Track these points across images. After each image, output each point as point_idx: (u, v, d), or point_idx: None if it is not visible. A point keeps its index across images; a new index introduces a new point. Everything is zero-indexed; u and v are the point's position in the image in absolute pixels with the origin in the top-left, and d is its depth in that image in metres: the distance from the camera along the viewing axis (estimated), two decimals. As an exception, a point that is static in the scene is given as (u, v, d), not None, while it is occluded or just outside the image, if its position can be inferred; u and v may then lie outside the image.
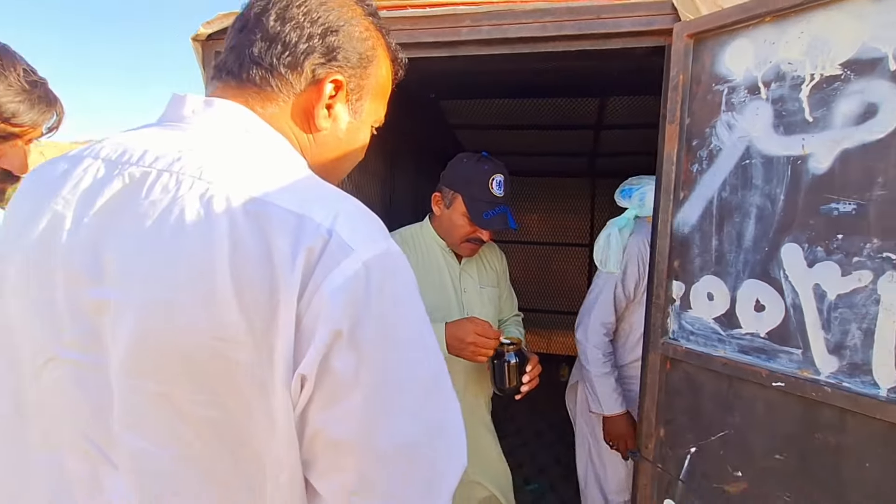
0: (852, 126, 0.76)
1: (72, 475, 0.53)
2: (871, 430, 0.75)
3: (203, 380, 0.47)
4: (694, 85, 0.96)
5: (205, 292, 0.46)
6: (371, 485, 0.49)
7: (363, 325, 0.47)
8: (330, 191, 0.54)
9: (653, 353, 1.02)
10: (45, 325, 0.53)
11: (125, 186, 0.51)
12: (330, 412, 0.47)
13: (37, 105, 0.84)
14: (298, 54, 0.59)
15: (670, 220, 0.99)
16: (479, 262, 1.51)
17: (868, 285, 0.75)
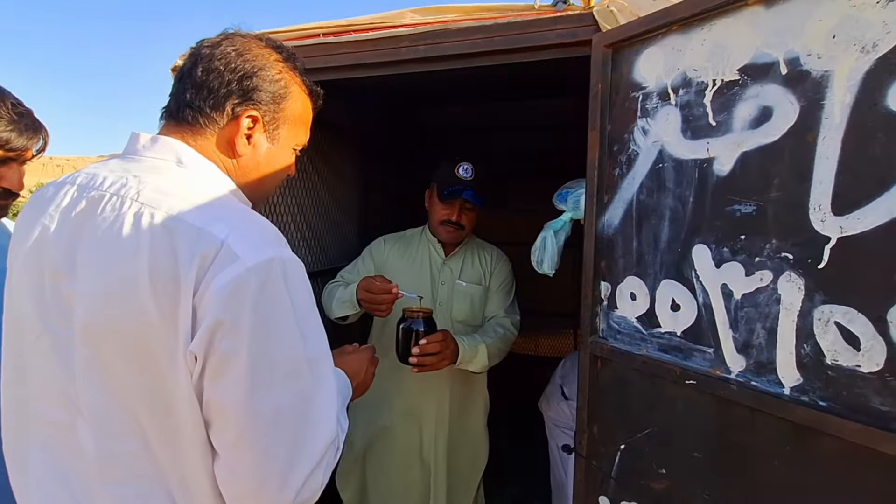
0: (750, 129, 0.72)
1: (58, 423, 0.65)
2: (776, 429, 0.71)
3: (131, 351, 0.59)
4: (613, 93, 0.93)
5: (131, 286, 0.58)
6: (247, 441, 0.59)
7: (242, 317, 0.57)
8: (234, 210, 0.65)
9: (583, 351, 0.99)
10: (37, 308, 0.65)
11: (88, 206, 0.63)
12: (216, 383, 0.58)
13: (25, 132, 0.93)
14: (220, 97, 0.69)
15: (594, 223, 0.96)
16: (467, 260, 1.55)
17: (769, 285, 0.71)
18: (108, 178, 0.65)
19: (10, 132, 0.91)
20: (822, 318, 0.65)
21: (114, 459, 0.62)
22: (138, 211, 0.60)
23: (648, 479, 0.89)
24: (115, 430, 0.62)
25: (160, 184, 0.63)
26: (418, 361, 1.18)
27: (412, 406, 1.47)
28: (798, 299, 0.67)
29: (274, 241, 0.62)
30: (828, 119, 0.64)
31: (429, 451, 1.48)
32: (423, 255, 1.54)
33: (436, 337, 1.19)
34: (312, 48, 1.14)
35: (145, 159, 0.68)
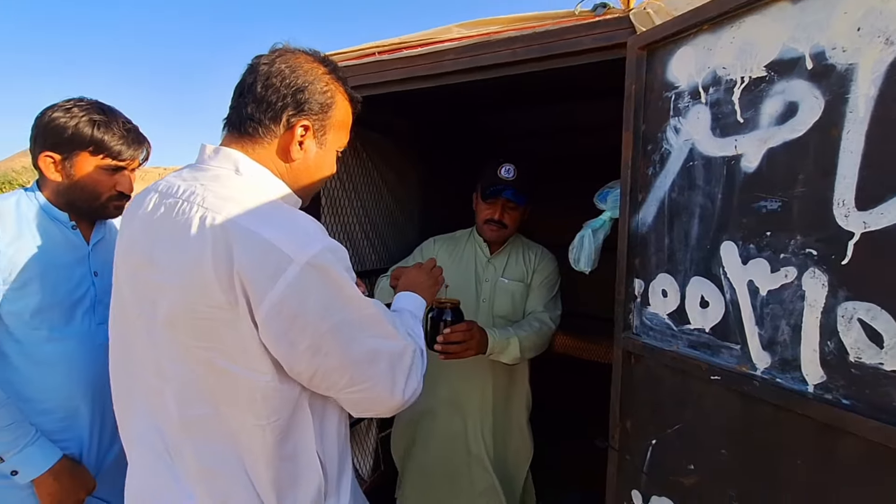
0: (776, 125, 0.73)
1: (153, 387, 0.80)
2: (800, 427, 0.71)
3: (201, 331, 0.72)
4: (648, 93, 0.96)
5: (199, 278, 0.70)
6: (357, 381, 0.76)
7: (313, 306, 0.70)
8: (281, 212, 0.76)
9: (616, 346, 1.02)
10: (133, 294, 0.80)
11: (166, 210, 0.77)
12: (316, 358, 0.72)
13: (132, 144, 1.15)
14: (277, 110, 0.81)
15: (628, 221, 1.00)
16: (511, 258, 1.64)
17: (794, 281, 0.71)
18: (182, 186, 0.77)
19: (122, 145, 1.13)
20: (845, 315, 0.65)
21: (192, 421, 0.76)
22: (203, 215, 0.71)
23: (678, 474, 0.91)
24: (191, 398, 0.75)
25: (220, 190, 0.75)
26: (442, 349, 1.27)
27: (455, 394, 1.56)
28: (822, 296, 0.68)
29: (318, 234, 0.74)
30: (852, 113, 0.64)
31: (473, 441, 1.56)
32: (470, 254, 1.64)
33: (460, 326, 1.27)
34: (369, 66, 1.30)
35: (210, 168, 0.80)
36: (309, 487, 0.80)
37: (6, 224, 1.07)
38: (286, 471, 0.77)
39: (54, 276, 1.10)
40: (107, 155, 1.12)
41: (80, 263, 1.16)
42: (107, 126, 1.11)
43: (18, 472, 1.03)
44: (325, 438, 0.82)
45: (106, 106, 1.15)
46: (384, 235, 2.17)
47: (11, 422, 1.01)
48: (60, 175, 1.11)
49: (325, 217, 1.80)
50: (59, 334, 1.10)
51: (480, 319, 1.45)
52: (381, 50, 1.30)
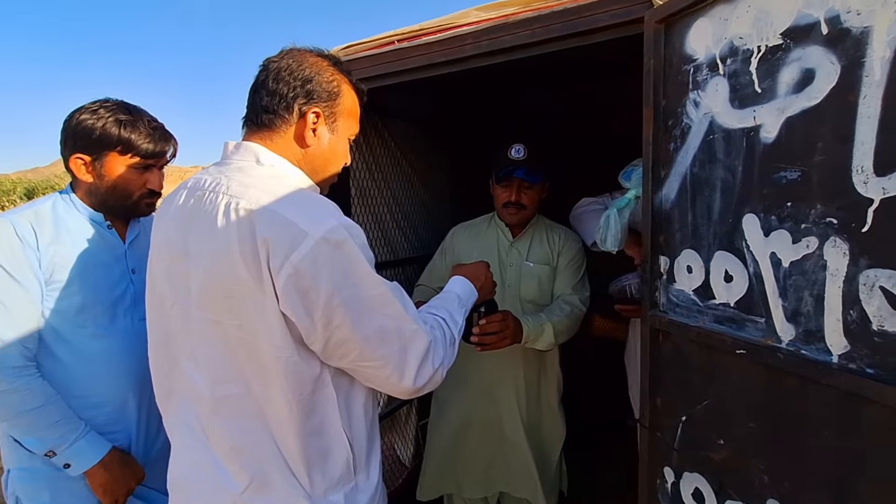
0: (793, 94, 0.75)
1: (187, 373, 0.88)
2: (826, 397, 0.73)
3: (233, 310, 0.80)
4: (667, 67, 0.98)
5: (227, 260, 0.78)
6: (367, 356, 0.82)
7: (326, 278, 0.76)
8: (299, 194, 0.84)
9: (643, 325, 1.06)
10: (169, 285, 0.89)
11: (195, 202, 0.85)
12: (328, 328, 0.78)
13: (159, 142, 1.21)
14: (289, 100, 0.90)
15: (651, 198, 1.02)
16: (535, 241, 1.67)
17: (815, 251, 0.73)
18: (208, 179, 0.86)
19: (149, 143, 1.19)
20: (867, 284, 0.67)
21: (223, 401, 0.83)
22: (228, 202, 0.80)
23: (708, 450, 0.95)
24: (222, 377, 0.83)
25: (244, 179, 0.83)
26: (479, 340, 1.31)
27: (487, 384, 1.62)
28: (843, 265, 0.69)
29: (333, 212, 0.81)
30: (868, 77, 0.65)
31: (508, 427, 1.63)
32: (491, 239, 1.67)
33: (495, 317, 1.31)
34: (389, 54, 1.36)
35: (233, 162, 0.89)
36: (338, 461, 0.87)
37: (44, 227, 1.13)
38: (314, 444, 0.84)
39: (94, 275, 1.16)
40: (135, 154, 1.17)
41: (118, 262, 1.23)
42: (133, 125, 1.16)
43: (71, 465, 1.10)
44: (352, 416, 0.89)
45: (131, 105, 1.21)
46: (415, 223, 2.25)
47: (60, 418, 1.09)
48: (92, 176, 1.16)
49: (355, 207, 1.89)
50: (105, 331, 1.17)
51: (507, 304, 1.50)
52: (401, 38, 1.36)
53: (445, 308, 1.00)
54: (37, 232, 1.11)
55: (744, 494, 0.89)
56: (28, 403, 1.06)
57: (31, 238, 1.10)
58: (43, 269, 1.10)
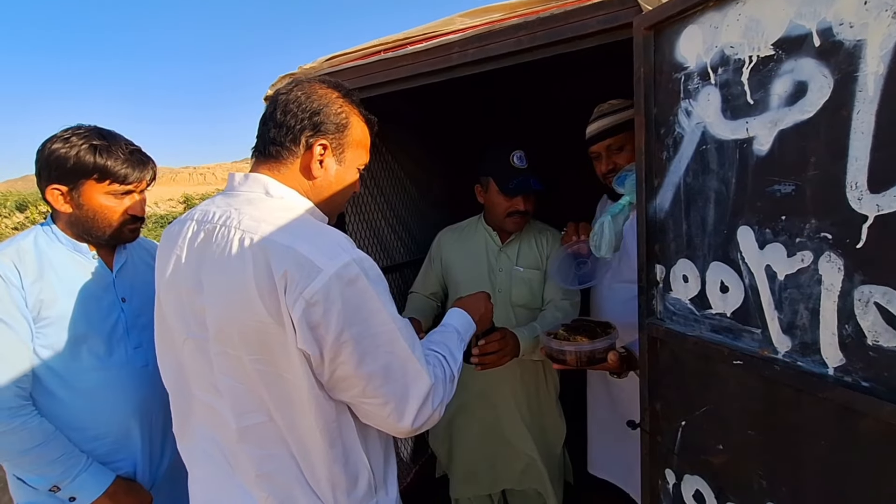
0: (786, 107, 0.74)
1: (208, 403, 0.89)
2: (821, 409, 0.74)
3: (251, 344, 0.80)
4: (658, 75, 0.97)
5: (244, 294, 0.78)
6: (368, 394, 0.82)
7: (337, 314, 0.77)
8: (311, 227, 0.85)
9: (641, 332, 1.06)
10: (181, 319, 0.89)
11: (206, 236, 0.86)
12: (335, 362, 0.79)
13: (137, 167, 1.18)
14: (297, 132, 0.90)
15: (646, 207, 1.02)
16: (524, 245, 1.64)
17: (810, 265, 0.73)
18: (217, 212, 0.86)
19: (126, 168, 1.15)
20: (861, 299, 0.67)
21: (248, 429, 0.85)
22: (241, 237, 0.80)
23: (707, 454, 0.96)
24: (246, 408, 0.84)
25: (254, 213, 0.83)
26: (479, 361, 1.30)
27: (486, 386, 1.63)
28: (838, 280, 0.69)
29: (347, 246, 0.81)
30: (861, 92, 0.64)
31: (509, 428, 1.65)
32: (480, 244, 1.64)
33: (494, 336, 1.30)
34: (375, 65, 1.34)
35: (241, 193, 0.89)
36: (360, 483, 0.90)
37: (27, 264, 1.10)
38: (338, 468, 0.86)
39: (84, 308, 1.14)
40: (113, 180, 1.14)
41: (107, 291, 1.20)
42: (108, 151, 1.13)
43: (77, 498, 1.10)
44: (367, 437, 0.92)
45: (105, 131, 1.17)
46: (410, 226, 2.24)
47: (61, 454, 1.08)
48: (70, 206, 1.13)
49: (350, 216, 1.88)
50: (102, 363, 1.15)
51: (498, 310, 1.50)
52: (387, 47, 1.34)
53: (445, 344, 0.99)
54: (20, 270, 1.09)
55: (742, 497, 0.90)
56: (27, 443, 1.05)
57: (14, 277, 1.08)
58: (30, 307, 1.08)
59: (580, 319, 1.39)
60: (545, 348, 1.29)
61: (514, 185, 1.49)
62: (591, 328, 1.32)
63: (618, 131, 1.42)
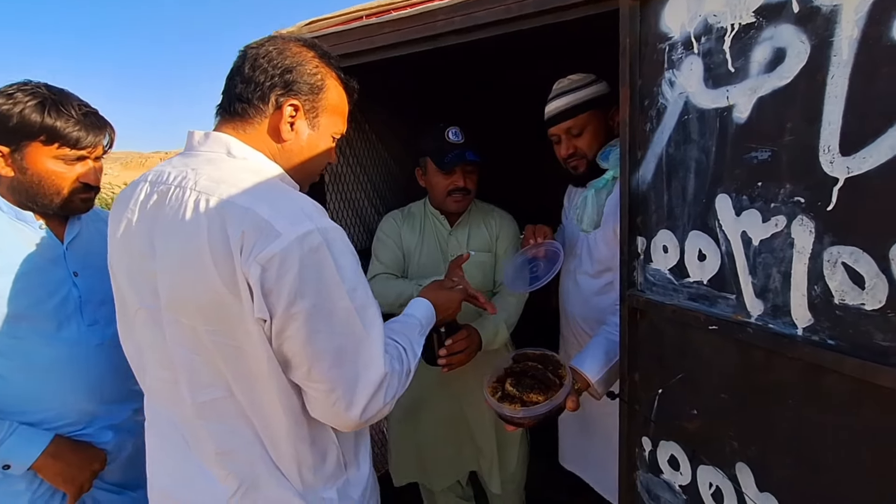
0: (765, 73, 0.76)
1: (163, 378, 0.84)
2: (791, 368, 0.77)
3: (206, 314, 0.75)
4: (643, 46, 0.98)
5: (198, 261, 0.72)
6: (316, 375, 0.76)
7: (291, 283, 0.71)
8: (276, 190, 0.79)
9: (622, 304, 1.09)
10: (133, 287, 0.83)
11: (159, 198, 0.79)
12: (284, 335, 0.74)
13: (92, 130, 1.08)
14: (265, 89, 0.84)
15: (629, 180, 1.03)
16: (473, 228, 1.61)
17: (784, 230, 0.75)
18: (172, 172, 0.80)
19: (79, 131, 1.04)
20: (830, 260, 0.70)
21: (205, 405, 0.79)
22: (197, 199, 0.74)
23: (682, 419, 0.99)
24: (203, 382, 0.79)
25: (213, 173, 0.77)
26: (447, 362, 1.28)
27: (444, 380, 1.57)
28: (809, 242, 0.72)
29: (313, 214, 0.75)
30: (836, 56, 0.66)
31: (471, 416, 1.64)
32: (430, 230, 1.61)
33: (460, 335, 1.29)
34: (356, 31, 1.32)
35: (201, 153, 0.82)
36: (329, 460, 0.86)
37: None
38: (305, 446, 0.82)
39: (27, 282, 1.04)
40: (63, 144, 1.03)
41: (56, 264, 1.10)
42: (58, 110, 1.02)
43: (11, 465, 1.02)
44: None
45: (56, 88, 1.06)
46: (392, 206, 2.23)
47: None
48: (12, 170, 1.03)
49: (330, 194, 1.86)
50: (48, 341, 1.07)
51: None
52: (369, 13, 1.32)
53: (407, 336, 0.94)
54: None
55: (715, 459, 0.94)
56: None
57: None
58: None
59: (524, 355, 1.25)
60: (497, 411, 1.14)
61: (449, 158, 1.46)
62: (541, 375, 1.18)
63: (578, 112, 1.33)
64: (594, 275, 1.44)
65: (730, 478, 0.89)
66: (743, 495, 0.87)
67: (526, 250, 1.40)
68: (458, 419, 1.69)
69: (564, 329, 1.63)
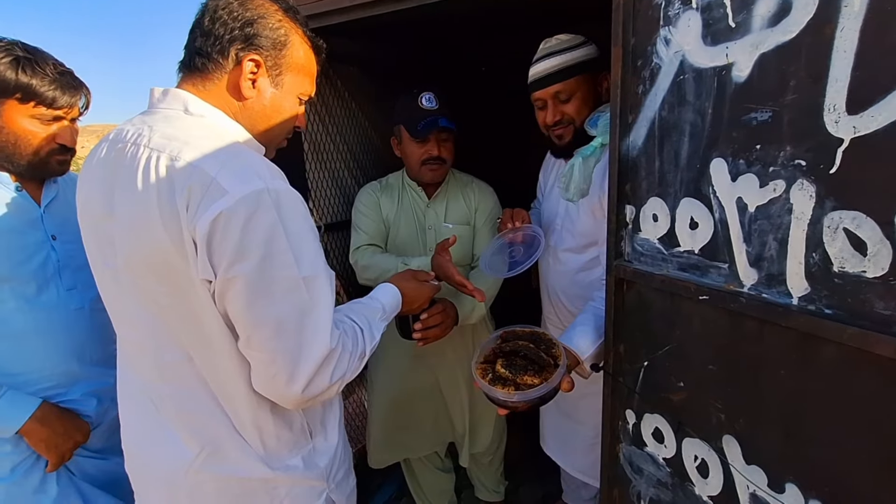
0: (769, 27, 0.71)
1: (128, 339, 0.85)
2: (784, 338, 0.74)
3: (159, 275, 0.74)
4: (637, 2, 0.92)
5: (148, 220, 0.70)
6: (255, 344, 0.74)
7: (234, 243, 0.68)
8: (230, 149, 0.74)
9: (608, 275, 1.05)
10: (97, 246, 0.81)
11: (117, 156, 0.76)
12: (225, 298, 0.72)
13: (67, 90, 1.06)
14: (225, 42, 0.80)
15: (619, 146, 0.99)
16: (451, 199, 1.56)
17: (782, 195, 0.72)
18: (130, 130, 0.77)
19: (55, 90, 1.03)
20: (831, 226, 0.66)
21: (166, 366, 0.79)
22: (149, 155, 0.72)
23: (668, 392, 0.97)
24: (162, 343, 0.78)
25: (167, 130, 0.74)
26: (422, 336, 1.26)
27: (420, 354, 1.57)
28: (809, 207, 0.69)
29: (265, 174, 0.72)
30: (847, 7, 0.62)
31: (446, 388, 1.63)
32: (407, 202, 1.56)
33: (435, 309, 1.26)
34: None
35: (159, 111, 0.80)
36: (291, 426, 0.84)
37: None
38: (264, 413, 0.80)
39: (4, 244, 1.04)
40: (39, 102, 1.03)
41: (33, 227, 1.10)
42: (33, 69, 1.01)
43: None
44: None
45: (31, 47, 1.05)
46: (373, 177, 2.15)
47: None
48: None
49: (309, 163, 1.78)
50: (29, 305, 1.06)
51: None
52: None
53: (367, 318, 0.90)
54: None
55: (701, 432, 0.92)
56: None
57: None
58: None
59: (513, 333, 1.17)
60: (487, 394, 1.07)
61: (422, 126, 1.40)
62: (534, 355, 1.11)
63: (567, 75, 1.24)
64: (578, 250, 1.40)
65: (716, 450, 0.88)
66: (729, 467, 0.85)
67: (503, 234, 1.35)
68: (434, 391, 1.67)
69: (546, 309, 1.60)
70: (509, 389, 1.03)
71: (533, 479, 2.21)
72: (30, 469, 1.09)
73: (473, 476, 1.97)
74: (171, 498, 0.85)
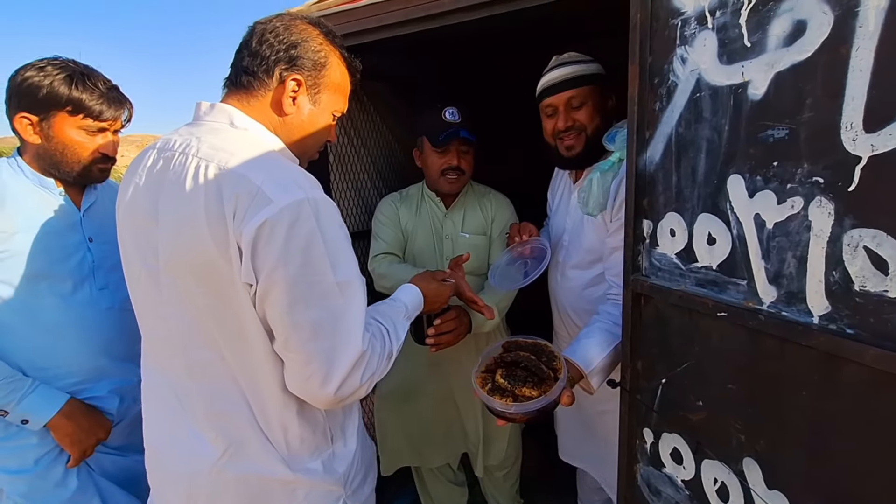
0: (784, 48, 0.71)
1: (159, 339, 0.88)
2: (805, 358, 0.73)
3: (201, 278, 0.78)
4: (654, 22, 0.94)
5: (194, 225, 0.75)
6: (292, 346, 0.78)
7: (277, 249, 0.72)
8: (272, 160, 0.80)
9: (626, 289, 1.05)
10: (136, 250, 0.87)
11: (164, 164, 0.82)
12: (265, 301, 0.76)
13: (113, 104, 1.16)
14: (270, 63, 0.86)
15: (636, 160, 0.99)
16: (469, 210, 1.60)
17: (800, 212, 0.71)
18: (178, 140, 0.83)
19: (102, 105, 1.13)
20: (850, 244, 0.66)
21: (197, 365, 0.82)
22: (197, 164, 0.77)
23: (687, 410, 0.96)
24: (195, 343, 0.82)
25: (215, 142, 0.80)
26: (435, 342, 1.27)
27: (434, 361, 1.59)
28: (828, 225, 0.68)
29: (305, 184, 0.77)
30: (862, 27, 0.62)
31: (460, 398, 1.63)
32: (426, 211, 1.60)
33: (449, 315, 1.28)
34: (365, 9, 1.29)
35: (205, 123, 0.85)
36: (316, 430, 0.88)
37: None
38: (291, 414, 0.84)
39: (46, 244, 1.11)
40: (87, 115, 1.11)
41: (73, 230, 1.17)
42: (84, 84, 1.10)
43: (29, 421, 1.09)
44: None
45: (83, 65, 1.15)
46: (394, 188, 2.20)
47: (2, 378, 1.06)
48: (39, 137, 1.11)
49: (334, 174, 1.83)
50: (65, 302, 1.13)
51: None
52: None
53: (391, 318, 0.95)
54: None
55: (720, 453, 0.90)
56: None
57: None
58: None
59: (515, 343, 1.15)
60: (486, 404, 1.06)
61: (443, 136, 1.45)
62: (534, 366, 1.09)
63: (581, 83, 1.28)
64: (584, 265, 1.40)
65: (736, 473, 0.86)
66: (750, 492, 0.83)
67: (512, 248, 1.39)
68: (448, 400, 1.67)
69: (557, 324, 1.60)
70: (507, 400, 1.03)
71: (549, 495, 2.17)
72: (52, 462, 1.14)
73: (487, 492, 1.95)
74: (190, 495, 0.87)
